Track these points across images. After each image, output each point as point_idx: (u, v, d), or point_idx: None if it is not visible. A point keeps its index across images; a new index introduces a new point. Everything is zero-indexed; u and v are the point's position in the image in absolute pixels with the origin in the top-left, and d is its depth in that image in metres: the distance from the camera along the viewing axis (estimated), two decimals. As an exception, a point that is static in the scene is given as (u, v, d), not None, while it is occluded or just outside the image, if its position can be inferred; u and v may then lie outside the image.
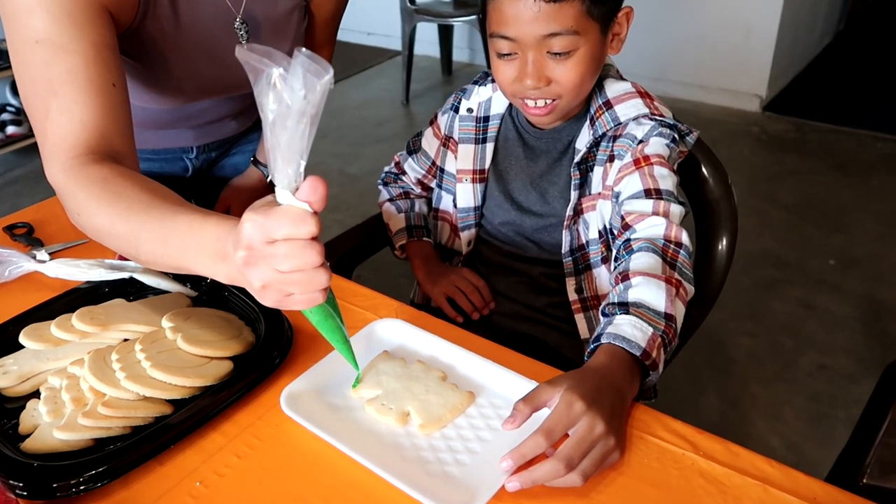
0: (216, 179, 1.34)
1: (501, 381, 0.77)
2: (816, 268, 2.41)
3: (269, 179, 0.57)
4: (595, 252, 1.05)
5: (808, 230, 2.62)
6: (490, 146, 1.12)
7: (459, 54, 4.45)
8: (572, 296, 1.07)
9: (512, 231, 1.12)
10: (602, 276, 1.05)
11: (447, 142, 1.16)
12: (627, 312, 0.76)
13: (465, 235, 1.16)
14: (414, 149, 1.22)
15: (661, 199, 0.92)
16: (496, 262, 1.15)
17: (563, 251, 1.06)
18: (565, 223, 1.04)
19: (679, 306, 0.80)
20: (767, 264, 2.41)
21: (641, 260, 0.83)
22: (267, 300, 0.61)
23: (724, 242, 1.11)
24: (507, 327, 1.13)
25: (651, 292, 0.78)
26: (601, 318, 0.81)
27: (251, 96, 1.29)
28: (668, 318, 0.77)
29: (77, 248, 1.07)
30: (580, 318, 1.07)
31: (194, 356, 0.78)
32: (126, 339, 0.83)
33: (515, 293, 1.13)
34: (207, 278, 0.95)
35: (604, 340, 0.74)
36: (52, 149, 0.81)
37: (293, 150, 0.54)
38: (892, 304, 2.22)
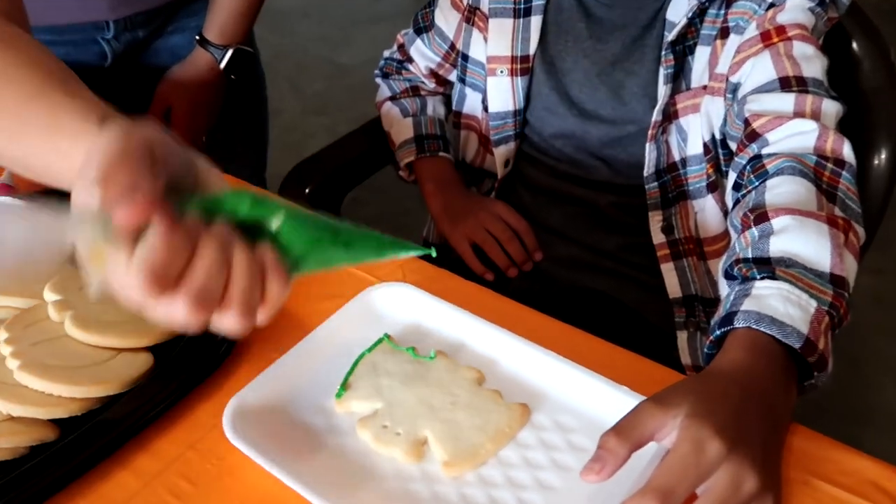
0: (148, 70, 1.20)
1: (572, 386, 0.63)
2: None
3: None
4: (696, 175, 0.94)
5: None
6: (536, 21, 1.00)
7: None
8: (657, 237, 0.97)
9: (570, 145, 1.01)
10: (707, 209, 0.94)
11: (472, 16, 1.05)
12: (773, 276, 0.61)
13: (501, 151, 1.05)
14: (424, 25, 1.12)
15: (808, 91, 0.79)
16: (547, 188, 1.05)
17: (645, 173, 0.96)
18: (650, 132, 0.93)
19: (850, 262, 0.65)
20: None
21: (785, 188, 0.70)
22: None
23: (885, 154, 0.97)
24: (563, 279, 1.03)
25: (808, 242, 0.64)
26: (723, 281, 0.67)
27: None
28: (837, 282, 0.62)
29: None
30: (668, 270, 0.97)
31: (92, 347, 0.65)
32: (-4, 319, 0.69)
33: (575, 231, 1.03)
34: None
35: (739, 324, 0.58)
36: None
37: None
38: None
